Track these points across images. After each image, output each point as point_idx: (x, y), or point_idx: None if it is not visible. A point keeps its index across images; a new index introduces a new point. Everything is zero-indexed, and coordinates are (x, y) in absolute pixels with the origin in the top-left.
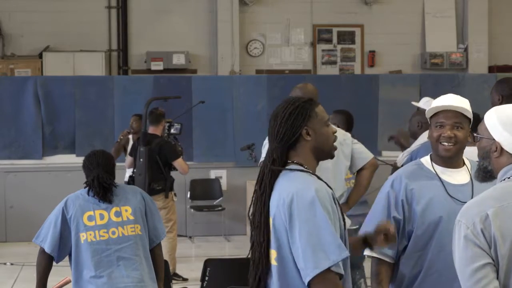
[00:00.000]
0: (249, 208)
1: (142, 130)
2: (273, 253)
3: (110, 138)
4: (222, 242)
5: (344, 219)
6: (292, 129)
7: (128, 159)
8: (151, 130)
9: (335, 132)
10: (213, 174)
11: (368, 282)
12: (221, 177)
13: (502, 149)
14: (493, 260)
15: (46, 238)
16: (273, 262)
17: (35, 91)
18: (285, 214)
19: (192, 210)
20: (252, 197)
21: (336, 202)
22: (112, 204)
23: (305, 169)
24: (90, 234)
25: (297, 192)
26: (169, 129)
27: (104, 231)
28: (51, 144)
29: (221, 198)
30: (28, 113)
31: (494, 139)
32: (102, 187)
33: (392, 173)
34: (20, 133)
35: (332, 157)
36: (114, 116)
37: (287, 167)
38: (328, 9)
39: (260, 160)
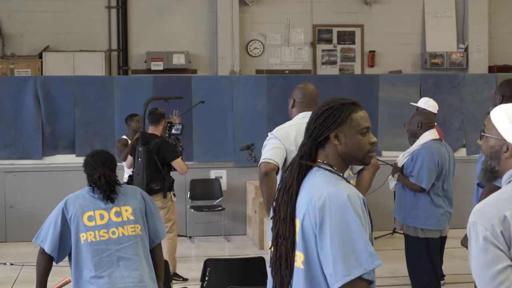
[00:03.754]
0: (273, 198)
1: (141, 130)
2: (300, 256)
3: (110, 138)
4: (222, 242)
5: (372, 225)
6: (320, 129)
7: (129, 159)
8: (150, 130)
9: (374, 142)
10: (213, 174)
11: None
12: (221, 177)
13: None
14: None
15: (46, 238)
16: (300, 265)
17: (35, 91)
18: (315, 218)
19: (192, 210)
20: (278, 187)
21: (367, 208)
22: (112, 204)
23: (334, 171)
24: (90, 234)
25: (329, 196)
26: (169, 130)
27: (104, 231)
28: (51, 144)
29: (221, 198)
30: (28, 113)
31: (505, 140)
32: (108, 185)
33: (392, 173)
34: (20, 133)
35: (366, 164)
36: (114, 116)
37: (316, 165)
38: (328, 9)
39: (261, 160)
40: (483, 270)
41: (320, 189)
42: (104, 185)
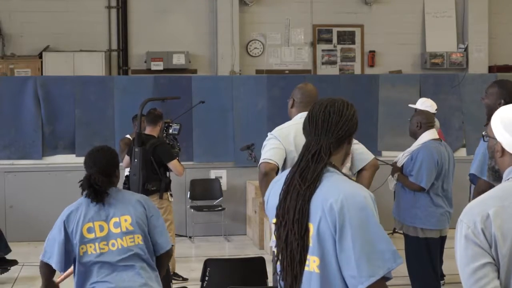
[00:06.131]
0: (280, 196)
1: (137, 131)
2: (315, 260)
3: (110, 138)
4: (222, 242)
5: None
6: (351, 130)
7: (126, 158)
8: (148, 130)
9: None
10: (213, 174)
11: None
12: (221, 177)
13: (504, 149)
14: (493, 260)
15: (52, 255)
16: (315, 269)
17: (35, 91)
18: (334, 221)
19: (192, 210)
20: (286, 187)
21: (376, 207)
22: (111, 214)
23: (341, 172)
24: (91, 247)
25: (347, 198)
26: (167, 130)
27: (104, 243)
28: (51, 144)
29: (221, 198)
30: (28, 113)
31: (496, 139)
32: (93, 189)
33: (392, 173)
34: (20, 133)
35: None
36: (114, 116)
37: (334, 168)
38: (328, 9)
39: (261, 161)
40: (464, 267)
41: (335, 192)
42: (87, 188)
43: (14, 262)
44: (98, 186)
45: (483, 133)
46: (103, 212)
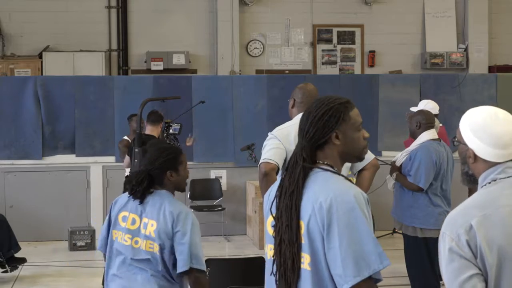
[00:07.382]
0: (271, 203)
1: (137, 131)
2: (307, 258)
3: (110, 138)
4: (222, 242)
5: (374, 225)
6: (322, 131)
7: (126, 159)
8: (148, 130)
9: (367, 136)
10: (213, 174)
11: None
12: (221, 177)
13: (476, 155)
14: (480, 270)
15: (100, 239)
16: (307, 267)
17: (35, 91)
18: (322, 220)
19: (192, 210)
20: (277, 193)
21: (370, 207)
22: (145, 213)
23: (335, 171)
24: (120, 235)
25: (336, 197)
26: (167, 129)
27: (129, 236)
28: (51, 144)
29: (221, 198)
30: (28, 113)
31: (468, 146)
32: (131, 185)
33: (391, 173)
34: (20, 133)
35: (361, 160)
36: (114, 116)
37: (316, 166)
38: (328, 9)
39: (261, 161)
40: (452, 280)
41: (326, 190)
42: (128, 183)
43: (23, 260)
44: (136, 185)
45: (453, 138)
46: (140, 206)
